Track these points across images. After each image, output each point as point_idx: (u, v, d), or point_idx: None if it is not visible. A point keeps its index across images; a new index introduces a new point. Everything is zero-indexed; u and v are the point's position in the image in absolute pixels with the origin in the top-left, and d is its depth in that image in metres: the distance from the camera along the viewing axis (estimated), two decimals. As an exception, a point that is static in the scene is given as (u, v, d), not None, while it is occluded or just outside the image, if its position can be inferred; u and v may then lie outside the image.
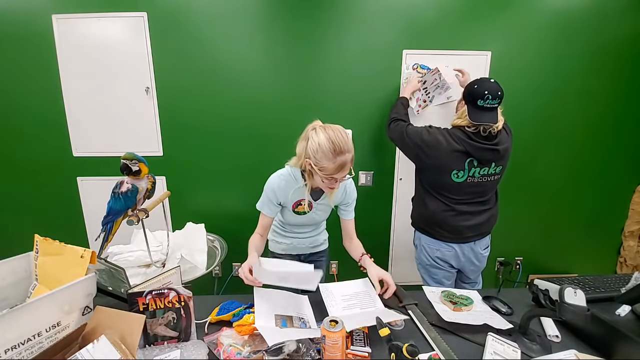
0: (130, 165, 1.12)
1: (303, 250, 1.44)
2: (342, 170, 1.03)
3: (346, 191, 1.26)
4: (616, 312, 0.88)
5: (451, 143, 1.36)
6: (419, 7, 1.87)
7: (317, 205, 1.25)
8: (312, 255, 1.48)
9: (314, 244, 1.44)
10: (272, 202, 1.21)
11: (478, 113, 1.31)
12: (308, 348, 0.82)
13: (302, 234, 1.40)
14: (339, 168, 1.01)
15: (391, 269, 2.30)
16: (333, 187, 1.10)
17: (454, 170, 1.36)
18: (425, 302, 1.09)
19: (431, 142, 1.39)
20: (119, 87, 1.90)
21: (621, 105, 2.06)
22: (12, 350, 0.68)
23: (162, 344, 0.85)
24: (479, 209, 1.44)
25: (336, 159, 1.00)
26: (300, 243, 1.40)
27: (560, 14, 1.91)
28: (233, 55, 1.89)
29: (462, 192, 1.40)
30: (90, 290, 0.86)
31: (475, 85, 1.33)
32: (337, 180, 1.06)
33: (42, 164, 2.00)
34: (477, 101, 1.29)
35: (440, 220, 1.45)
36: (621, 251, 2.35)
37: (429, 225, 1.50)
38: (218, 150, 2.02)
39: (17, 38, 1.82)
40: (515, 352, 0.81)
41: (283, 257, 1.43)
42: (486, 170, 1.37)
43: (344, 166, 1.02)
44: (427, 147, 1.39)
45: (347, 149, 1.01)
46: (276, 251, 1.45)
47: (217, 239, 1.73)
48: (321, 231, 1.48)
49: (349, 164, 1.03)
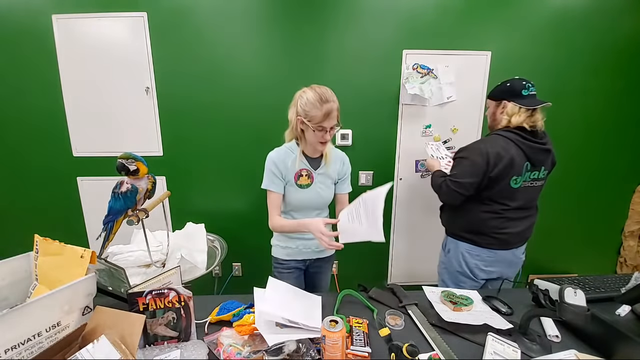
0: (127, 164, 1.12)
1: (309, 255, 1.39)
2: (329, 119, 1.12)
3: (344, 162, 1.33)
4: (616, 312, 0.88)
5: (511, 147, 1.29)
6: (419, 7, 1.87)
7: (317, 176, 1.27)
8: (318, 260, 1.43)
9: (320, 248, 1.38)
10: (276, 175, 1.25)
11: (528, 100, 1.29)
12: (308, 348, 0.82)
13: (307, 234, 1.31)
14: (326, 115, 1.12)
15: (391, 269, 2.30)
16: (325, 140, 1.18)
17: (514, 177, 1.30)
18: (425, 302, 1.08)
19: (493, 153, 1.28)
20: (119, 87, 1.90)
21: (621, 104, 2.06)
22: (12, 350, 0.68)
23: (162, 344, 0.85)
24: (525, 215, 1.40)
25: (323, 107, 1.11)
26: (306, 247, 1.36)
27: (560, 14, 1.92)
28: (233, 55, 1.90)
29: (515, 198, 1.35)
30: (90, 290, 0.86)
31: (507, 84, 1.34)
32: (327, 130, 1.14)
33: (42, 164, 2.01)
34: (521, 92, 1.30)
35: (490, 228, 1.38)
36: (621, 251, 2.35)
37: (475, 233, 1.41)
38: (218, 150, 2.02)
39: (18, 38, 1.82)
40: (515, 352, 0.81)
41: (288, 263, 1.38)
42: (536, 174, 1.35)
43: (330, 113, 1.12)
44: (494, 159, 1.28)
45: (332, 99, 1.13)
46: (280, 256, 1.39)
47: (217, 239, 1.73)
48: None
49: (334, 112, 1.13)
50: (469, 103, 2.03)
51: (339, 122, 1.18)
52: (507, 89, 1.33)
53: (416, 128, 2.06)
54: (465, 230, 1.44)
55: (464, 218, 1.44)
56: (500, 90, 1.36)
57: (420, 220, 2.22)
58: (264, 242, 1.47)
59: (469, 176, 1.32)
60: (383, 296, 1.12)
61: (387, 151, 2.09)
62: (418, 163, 2.12)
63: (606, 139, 2.12)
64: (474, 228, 1.41)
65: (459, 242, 1.47)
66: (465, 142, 2.06)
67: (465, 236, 1.44)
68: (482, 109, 2.04)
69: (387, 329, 0.88)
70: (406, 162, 2.12)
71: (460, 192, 1.34)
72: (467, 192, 1.34)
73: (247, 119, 1.98)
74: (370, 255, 2.26)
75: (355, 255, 2.23)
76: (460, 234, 1.46)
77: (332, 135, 1.18)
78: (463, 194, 1.35)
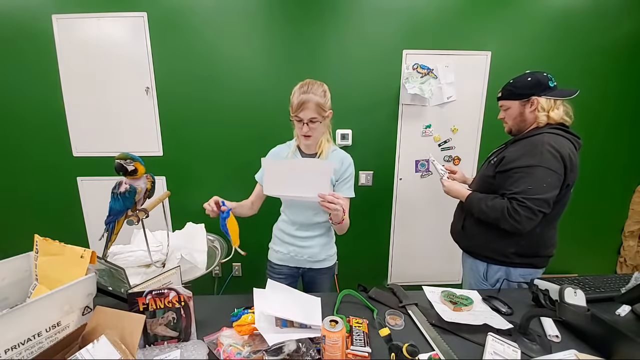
0: (125, 164, 1.12)
1: (302, 264, 1.32)
2: (304, 110, 1.11)
3: (343, 162, 1.23)
4: (616, 312, 0.88)
5: (571, 147, 1.14)
6: (419, 7, 1.87)
7: None
8: (313, 271, 1.34)
9: (314, 258, 1.30)
10: None
11: (558, 91, 1.17)
12: (308, 348, 0.82)
13: (301, 241, 1.29)
14: (299, 105, 1.11)
15: (391, 269, 2.30)
16: (304, 134, 1.16)
17: (575, 181, 1.16)
18: (425, 302, 1.08)
19: (566, 155, 1.10)
20: (119, 87, 1.90)
21: (621, 104, 2.07)
22: (12, 350, 0.68)
23: (162, 344, 0.85)
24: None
25: (300, 96, 1.11)
26: (298, 254, 1.30)
27: (559, 14, 1.92)
28: (233, 55, 1.90)
29: (566, 204, 1.21)
30: (90, 290, 0.86)
31: (529, 78, 1.18)
32: (303, 122, 1.13)
33: (42, 164, 2.01)
34: (548, 84, 1.16)
35: (547, 247, 1.23)
36: (621, 251, 2.35)
37: (533, 255, 1.22)
38: (218, 150, 2.02)
39: (17, 38, 1.82)
40: (515, 352, 0.81)
41: (280, 269, 1.36)
42: None
43: (304, 104, 1.10)
44: (568, 162, 1.10)
45: (314, 92, 1.11)
46: (272, 260, 1.38)
47: (217, 239, 1.73)
48: (325, 242, 1.32)
49: (310, 104, 1.10)
50: (469, 103, 2.03)
51: (328, 121, 1.18)
52: (533, 83, 1.16)
53: (416, 128, 2.06)
54: (520, 253, 1.22)
55: (517, 239, 1.20)
56: (526, 87, 1.17)
57: (420, 220, 2.22)
58: (264, 243, 1.47)
59: (551, 188, 1.08)
60: (383, 296, 1.12)
61: (387, 151, 2.09)
62: (418, 163, 2.12)
63: (606, 139, 2.12)
64: (532, 250, 1.20)
65: (510, 269, 1.24)
66: (465, 142, 2.10)
67: (520, 261, 1.23)
68: (482, 109, 2.04)
69: (387, 329, 0.88)
70: (406, 162, 2.12)
71: (545, 211, 1.09)
72: (549, 210, 1.10)
73: (247, 119, 1.98)
74: (370, 255, 2.26)
75: (356, 255, 2.23)
76: (513, 259, 1.23)
77: (314, 130, 1.15)
78: (546, 212, 1.10)
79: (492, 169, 1.24)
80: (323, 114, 1.14)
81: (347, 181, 1.24)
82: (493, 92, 2.00)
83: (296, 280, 1.40)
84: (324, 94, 1.14)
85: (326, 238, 1.33)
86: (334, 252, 1.37)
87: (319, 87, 1.14)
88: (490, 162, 1.30)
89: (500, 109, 1.29)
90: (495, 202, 1.16)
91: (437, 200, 2.18)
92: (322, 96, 1.12)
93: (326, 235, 1.32)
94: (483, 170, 1.34)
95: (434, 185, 2.17)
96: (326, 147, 1.23)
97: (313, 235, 1.29)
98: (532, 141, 1.15)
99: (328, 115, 1.18)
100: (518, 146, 1.19)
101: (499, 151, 1.31)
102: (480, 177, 1.33)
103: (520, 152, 1.15)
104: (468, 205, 1.28)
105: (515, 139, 1.25)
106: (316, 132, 1.16)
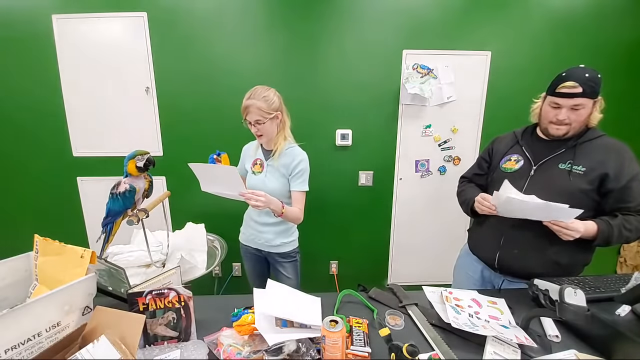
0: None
1: (261, 247, 1.46)
2: (248, 113, 1.26)
3: (294, 158, 1.34)
4: (616, 312, 0.88)
5: None
6: (419, 7, 1.87)
7: (267, 167, 1.37)
8: (273, 255, 1.46)
9: (270, 243, 1.42)
10: (241, 160, 1.52)
11: None
12: (308, 348, 0.82)
13: (260, 226, 1.42)
14: (244, 109, 1.27)
15: (391, 269, 2.30)
16: (255, 133, 1.31)
17: None
18: (425, 302, 1.08)
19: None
20: (119, 87, 1.90)
21: (621, 104, 2.06)
22: (12, 350, 0.68)
23: (162, 344, 0.85)
24: None
25: (245, 102, 1.26)
26: (257, 237, 1.44)
27: (559, 14, 1.92)
28: (233, 55, 1.90)
29: None
30: (90, 290, 0.86)
31: (598, 75, 1.05)
32: (250, 122, 1.28)
33: (42, 164, 2.01)
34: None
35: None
36: (621, 251, 2.35)
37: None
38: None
39: (17, 38, 1.82)
40: (515, 352, 0.81)
41: (247, 248, 1.52)
42: None
43: (247, 109, 1.25)
44: None
45: (256, 97, 1.25)
46: (241, 240, 1.54)
47: (217, 239, 1.73)
48: (280, 230, 1.42)
49: (252, 108, 1.24)
50: (469, 103, 2.03)
51: (279, 121, 1.31)
52: (600, 80, 1.03)
53: (416, 128, 2.06)
54: (584, 264, 1.18)
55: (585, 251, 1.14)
56: (599, 84, 1.03)
57: (420, 220, 2.22)
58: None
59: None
60: (383, 296, 1.12)
61: (387, 151, 2.09)
62: (418, 163, 2.12)
63: (606, 139, 2.12)
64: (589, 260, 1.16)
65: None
66: (465, 142, 2.09)
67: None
68: (482, 109, 2.04)
69: (387, 329, 0.88)
70: (406, 162, 2.12)
71: None
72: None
73: (247, 119, 1.97)
74: (370, 255, 2.26)
75: (356, 255, 2.23)
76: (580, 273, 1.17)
77: (262, 130, 1.28)
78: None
79: (584, 182, 1.06)
80: (267, 115, 1.26)
81: (299, 176, 1.35)
82: (493, 92, 2.00)
83: (262, 261, 1.53)
84: (265, 99, 1.25)
85: (283, 226, 1.43)
86: (292, 240, 1.47)
87: (261, 92, 1.26)
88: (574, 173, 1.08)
89: (562, 108, 1.06)
90: (631, 220, 1.04)
91: (437, 200, 2.18)
92: (263, 101, 1.25)
93: (283, 224, 1.42)
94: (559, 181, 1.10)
95: (434, 185, 2.17)
96: (282, 144, 1.34)
97: (268, 222, 1.41)
98: (611, 146, 1.08)
99: (276, 116, 1.29)
100: (601, 153, 1.07)
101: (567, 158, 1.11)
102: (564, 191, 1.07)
103: (618, 161, 1.05)
104: (605, 239, 1.04)
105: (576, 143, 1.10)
106: (266, 131, 1.29)
